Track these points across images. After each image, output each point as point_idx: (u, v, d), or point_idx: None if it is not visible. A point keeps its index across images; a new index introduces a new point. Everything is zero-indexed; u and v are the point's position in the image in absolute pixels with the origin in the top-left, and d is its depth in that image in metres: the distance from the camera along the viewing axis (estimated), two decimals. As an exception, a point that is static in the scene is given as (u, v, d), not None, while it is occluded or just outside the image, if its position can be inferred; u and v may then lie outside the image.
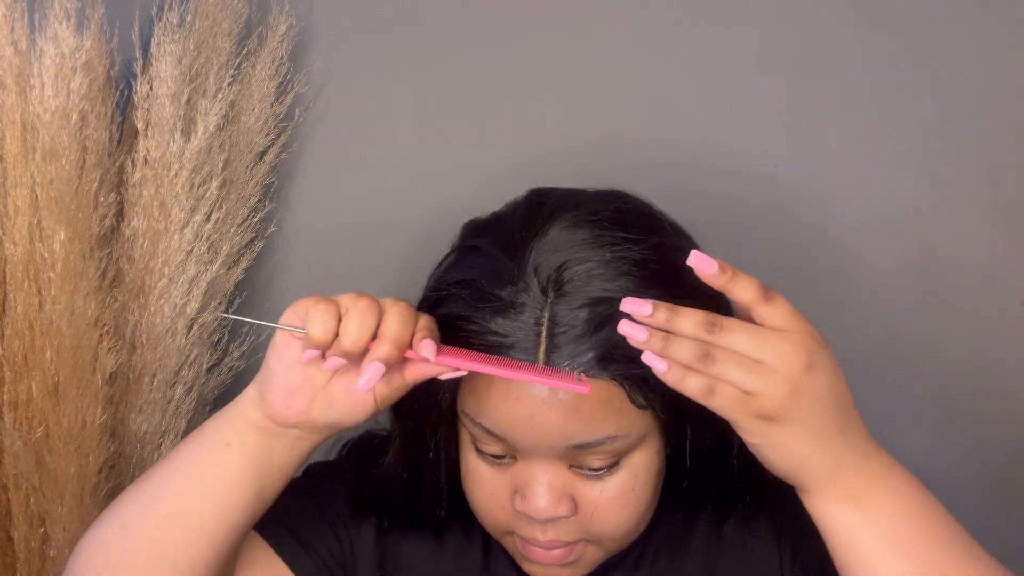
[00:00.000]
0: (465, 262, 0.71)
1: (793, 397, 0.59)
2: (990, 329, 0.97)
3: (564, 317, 0.65)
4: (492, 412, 0.66)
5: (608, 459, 0.67)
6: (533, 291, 0.65)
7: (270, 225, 0.96)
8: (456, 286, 0.69)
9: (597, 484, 0.68)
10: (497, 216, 0.74)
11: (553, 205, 0.70)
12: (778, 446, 0.61)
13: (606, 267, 0.66)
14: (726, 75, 0.95)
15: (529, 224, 0.69)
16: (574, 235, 0.67)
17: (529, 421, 0.65)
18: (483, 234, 0.72)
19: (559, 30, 0.95)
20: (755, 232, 0.96)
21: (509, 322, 0.65)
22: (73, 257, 0.83)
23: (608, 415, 0.65)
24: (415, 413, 0.71)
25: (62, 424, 0.84)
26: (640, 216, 0.71)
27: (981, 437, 0.99)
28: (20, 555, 0.88)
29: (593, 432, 0.65)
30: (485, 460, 0.69)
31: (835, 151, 0.95)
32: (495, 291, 0.66)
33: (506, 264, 0.67)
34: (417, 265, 0.99)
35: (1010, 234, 0.95)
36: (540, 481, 0.67)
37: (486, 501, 0.70)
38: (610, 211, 0.69)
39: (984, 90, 0.93)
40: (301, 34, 0.94)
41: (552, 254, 0.66)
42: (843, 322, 0.96)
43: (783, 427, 0.60)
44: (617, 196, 0.73)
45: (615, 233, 0.67)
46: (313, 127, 0.97)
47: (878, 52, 0.93)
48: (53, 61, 0.81)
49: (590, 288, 0.65)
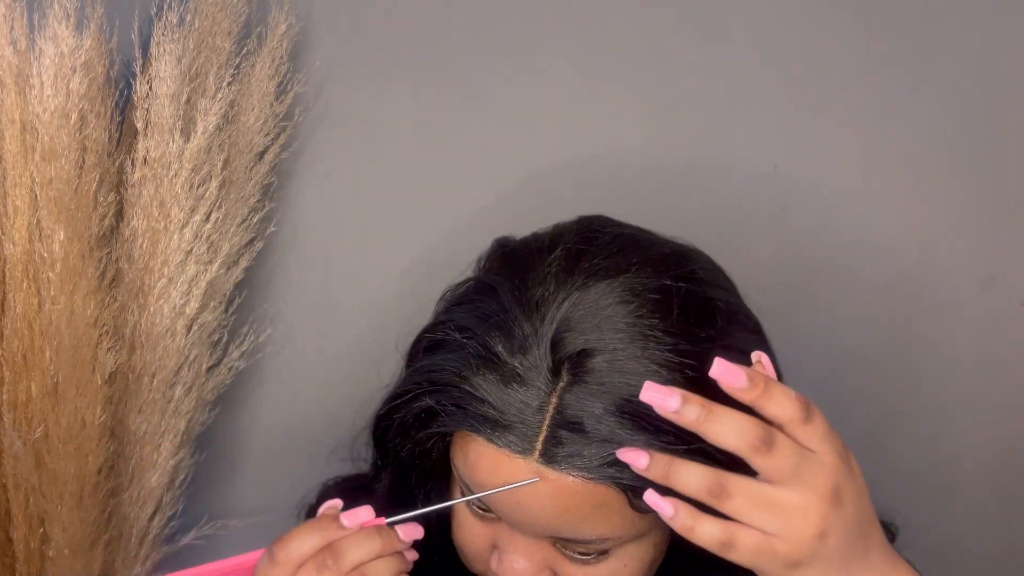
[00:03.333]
0: (479, 305, 0.62)
1: (821, 539, 0.54)
2: (990, 329, 0.97)
3: (573, 408, 0.57)
4: (479, 484, 0.60)
5: (596, 551, 0.61)
6: (543, 370, 0.57)
7: (270, 225, 0.96)
8: (461, 332, 0.61)
9: (581, 567, 0.62)
10: (530, 249, 0.64)
11: (595, 260, 0.60)
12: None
13: (635, 363, 0.57)
14: (726, 75, 0.95)
15: (561, 279, 0.60)
16: (607, 313, 0.58)
17: (516, 506, 0.59)
18: (508, 272, 0.63)
19: (560, 29, 0.95)
20: (755, 232, 0.96)
21: (510, 397, 0.57)
22: (72, 257, 0.83)
23: (602, 518, 0.59)
24: (403, 462, 0.67)
25: (61, 424, 0.84)
26: (692, 301, 0.60)
27: (981, 437, 0.99)
28: (19, 555, 0.88)
29: (581, 532, 0.59)
30: (471, 509, 0.65)
31: (835, 151, 0.95)
32: (502, 355, 0.58)
33: (521, 327, 0.58)
34: (417, 265, 0.99)
35: (1010, 234, 0.95)
36: (520, 551, 0.62)
37: (467, 547, 0.66)
38: (658, 287, 0.59)
39: (984, 90, 0.93)
40: (301, 34, 0.94)
41: (575, 333, 0.57)
42: (843, 322, 0.96)
43: (807, 570, 0.55)
44: (678, 261, 0.63)
45: (655, 322, 0.58)
46: (313, 127, 0.97)
47: (878, 52, 0.93)
48: (52, 61, 0.81)
49: (610, 384, 0.57)
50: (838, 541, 0.55)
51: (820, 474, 0.54)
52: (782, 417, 0.54)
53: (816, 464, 0.54)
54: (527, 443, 0.57)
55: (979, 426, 0.99)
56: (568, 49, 0.95)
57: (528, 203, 0.95)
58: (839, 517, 0.54)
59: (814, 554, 0.54)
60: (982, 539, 0.69)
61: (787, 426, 0.54)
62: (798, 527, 0.53)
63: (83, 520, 0.86)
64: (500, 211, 0.95)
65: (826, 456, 0.54)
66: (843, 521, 0.54)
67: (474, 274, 0.68)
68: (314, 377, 1.00)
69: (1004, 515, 1.00)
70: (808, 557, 0.54)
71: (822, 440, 0.55)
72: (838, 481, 0.54)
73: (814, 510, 0.53)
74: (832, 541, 0.54)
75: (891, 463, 0.98)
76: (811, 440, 0.54)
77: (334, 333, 0.99)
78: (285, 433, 1.01)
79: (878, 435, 0.97)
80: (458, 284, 0.67)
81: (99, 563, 0.90)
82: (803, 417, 0.54)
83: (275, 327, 0.98)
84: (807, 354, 0.91)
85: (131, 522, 0.93)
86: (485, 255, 0.68)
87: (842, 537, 0.55)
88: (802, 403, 0.54)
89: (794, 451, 0.54)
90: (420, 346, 0.66)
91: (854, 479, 0.56)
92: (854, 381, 0.97)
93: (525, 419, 0.57)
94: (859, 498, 0.56)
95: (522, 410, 0.57)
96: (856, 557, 0.56)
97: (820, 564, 0.55)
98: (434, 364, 0.61)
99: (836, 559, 0.55)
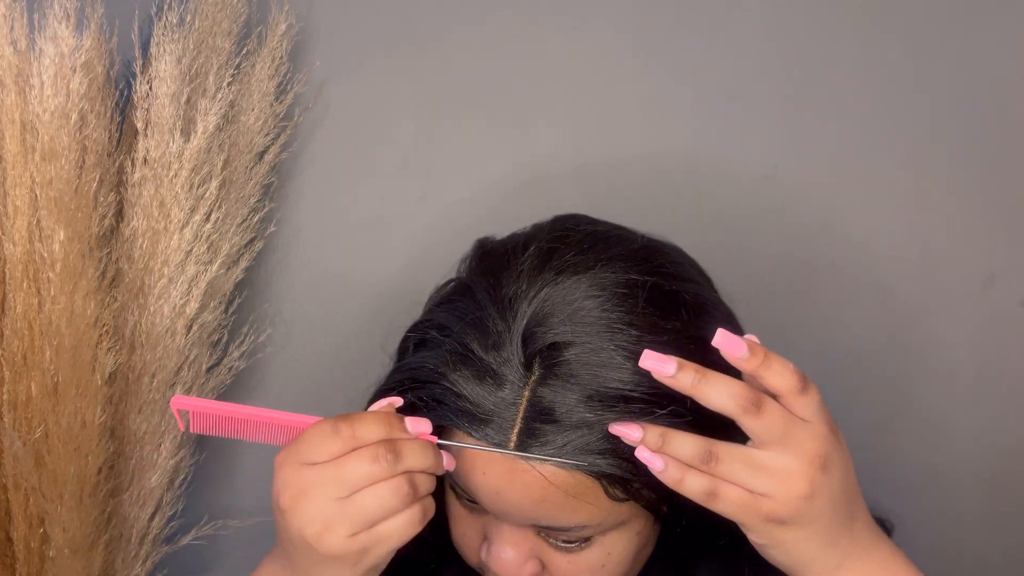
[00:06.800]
0: (457, 304, 0.64)
1: (808, 499, 0.56)
2: (990, 329, 0.97)
3: (545, 401, 0.59)
4: (461, 476, 0.63)
5: (578, 539, 0.63)
6: (515, 365, 0.59)
7: (270, 225, 0.96)
8: (439, 331, 0.63)
9: (566, 555, 0.64)
10: (506, 248, 0.66)
11: (566, 257, 0.62)
12: (785, 548, 0.58)
13: (603, 355, 0.59)
14: (726, 76, 0.95)
15: (533, 276, 0.62)
16: (576, 307, 0.60)
17: (495, 495, 0.61)
18: (484, 271, 0.65)
19: (560, 29, 0.95)
20: (755, 232, 0.96)
21: (486, 392, 0.59)
22: (72, 257, 0.83)
23: (579, 507, 0.60)
24: None
25: (61, 424, 0.84)
26: (658, 294, 0.62)
27: (981, 437, 0.99)
28: (19, 555, 0.88)
29: (560, 520, 0.61)
30: (461, 501, 0.66)
31: (835, 151, 0.95)
32: (477, 352, 0.60)
33: (495, 324, 0.61)
34: (417, 265, 0.99)
35: (1010, 234, 0.95)
36: (507, 540, 0.64)
37: (459, 538, 0.68)
38: (625, 281, 0.61)
39: (984, 90, 0.93)
40: (301, 34, 0.94)
41: (545, 327, 0.59)
42: (843, 322, 0.96)
43: (793, 529, 0.57)
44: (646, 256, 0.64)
45: (621, 315, 0.60)
46: (313, 127, 0.97)
47: (878, 52, 0.93)
48: (52, 61, 0.81)
49: (580, 377, 0.59)
50: (824, 505, 0.57)
51: (809, 439, 0.56)
52: (780, 387, 0.56)
53: (806, 430, 0.56)
54: (503, 435, 0.59)
55: (979, 426, 0.99)
56: (568, 49, 0.95)
57: (528, 204, 0.95)
58: (826, 482, 0.56)
59: (800, 514, 0.56)
60: (981, 539, 0.69)
61: (784, 396, 0.57)
62: (786, 487, 0.56)
63: (83, 520, 0.86)
64: (500, 212, 0.95)
65: (818, 426, 0.57)
66: (830, 487, 0.57)
67: (456, 274, 0.70)
68: (314, 377, 1.00)
69: (1004, 515, 1.00)
70: (794, 516, 0.56)
71: (816, 412, 0.57)
72: (827, 449, 0.56)
73: (801, 473, 0.56)
74: (819, 503, 0.56)
75: (891, 463, 0.98)
76: (805, 411, 0.57)
77: (334, 333, 0.99)
78: (285, 433, 1.01)
79: (878, 435, 0.97)
80: (442, 285, 0.70)
81: (99, 563, 0.89)
82: (800, 389, 0.56)
83: (275, 327, 0.98)
84: (807, 354, 0.91)
85: (131, 522, 0.93)
86: (466, 255, 0.70)
87: (828, 502, 0.57)
88: (799, 375, 0.57)
89: (783, 414, 0.56)
90: (407, 345, 0.68)
91: (842, 452, 0.58)
92: (854, 381, 0.97)
93: (500, 412, 0.59)
94: (846, 471, 0.58)
95: (497, 404, 0.59)
96: (841, 526, 0.58)
97: (806, 526, 0.57)
98: (416, 362, 0.64)
99: (821, 523, 0.57)
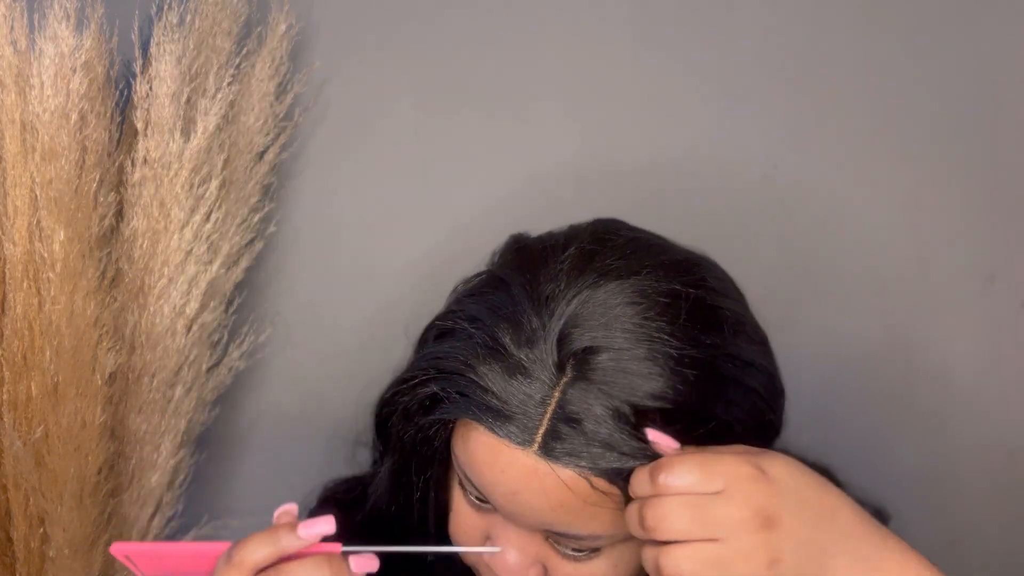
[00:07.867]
0: (490, 297, 0.63)
1: (771, 567, 0.53)
2: (990, 329, 0.97)
3: (575, 404, 0.57)
4: (477, 473, 0.61)
5: (588, 548, 0.61)
6: (547, 364, 0.58)
7: (270, 225, 0.96)
8: (470, 322, 0.62)
9: (572, 564, 0.62)
10: (544, 246, 0.64)
11: (608, 261, 0.61)
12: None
13: (640, 363, 0.57)
14: (726, 76, 0.95)
15: (572, 276, 0.60)
16: (615, 312, 0.58)
17: (511, 496, 0.59)
18: (520, 267, 0.63)
19: (560, 29, 0.95)
20: (755, 232, 0.96)
21: (514, 389, 0.58)
22: (72, 257, 0.83)
23: (597, 515, 0.59)
24: (405, 449, 0.66)
25: (61, 424, 0.84)
26: (700, 308, 0.61)
27: (981, 437, 0.99)
28: (19, 555, 0.88)
29: (574, 527, 0.59)
30: (468, 499, 0.65)
31: (835, 151, 0.95)
32: (509, 347, 0.59)
33: (530, 320, 0.59)
34: (416, 265, 0.99)
35: (1010, 234, 0.95)
36: (513, 543, 0.62)
37: (461, 535, 0.67)
38: (668, 291, 0.60)
39: (984, 90, 0.93)
40: (301, 34, 0.94)
41: (582, 329, 0.58)
42: (843, 322, 0.96)
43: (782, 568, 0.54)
44: (689, 267, 0.63)
45: (662, 324, 0.58)
46: (313, 127, 0.97)
47: (878, 52, 0.93)
48: (52, 61, 0.81)
49: (614, 382, 0.57)
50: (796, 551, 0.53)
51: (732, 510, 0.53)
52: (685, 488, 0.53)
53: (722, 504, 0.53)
54: (527, 435, 0.58)
55: (979, 426, 0.99)
56: (569, 51, 0.95)
57: (528, 204, 0.95)
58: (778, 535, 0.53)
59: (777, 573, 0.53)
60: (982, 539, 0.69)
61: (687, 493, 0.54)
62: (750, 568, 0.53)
63: (83, 520, 0.86)
64: (500, 212, 0.95)
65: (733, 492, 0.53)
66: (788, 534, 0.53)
67: (487, 268, 0.68)
68: (314, 377, 1.00)
69: (1004, 515, 1.00)
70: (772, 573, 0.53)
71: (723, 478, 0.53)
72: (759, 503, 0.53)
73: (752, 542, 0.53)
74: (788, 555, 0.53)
75: (891, 463, 0.98)
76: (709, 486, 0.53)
77: (334, 333, 0.99)
78: (285, 433, 1.01)
79: (878, 435, 0.97)
80: (471, 276, 0.68)
81: (99, 563, 0.90)
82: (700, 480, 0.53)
83: (275, 327, 0.98)
84: (807, 354, 0.91)
85: (131, 522, 0.93)
86: (499, 249, 0.68)
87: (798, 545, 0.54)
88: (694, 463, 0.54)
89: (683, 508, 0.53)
90: (430, 333, 0.66)
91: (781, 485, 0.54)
92: (854, 381, 0.97)
93: (527, 411, 0.58)
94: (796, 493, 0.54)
95: (524, 402, 0.58)
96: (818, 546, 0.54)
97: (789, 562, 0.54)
98: (442, 351, 0.61)
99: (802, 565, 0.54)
